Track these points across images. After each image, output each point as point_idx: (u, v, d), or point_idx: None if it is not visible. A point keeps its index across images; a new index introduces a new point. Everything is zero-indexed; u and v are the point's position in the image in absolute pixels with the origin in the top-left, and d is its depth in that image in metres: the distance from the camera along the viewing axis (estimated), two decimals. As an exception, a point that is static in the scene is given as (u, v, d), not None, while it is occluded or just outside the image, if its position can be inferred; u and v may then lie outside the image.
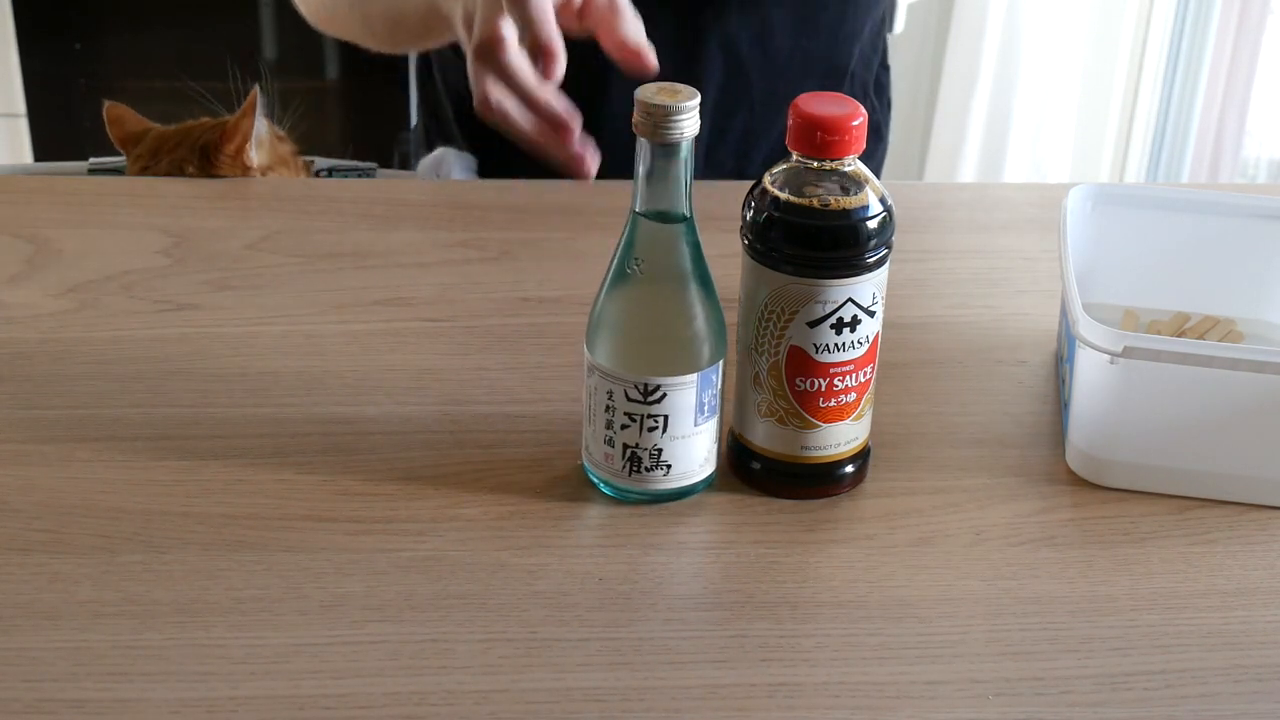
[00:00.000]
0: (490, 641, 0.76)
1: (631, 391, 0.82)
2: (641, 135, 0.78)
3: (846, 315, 0.81)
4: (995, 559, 0.83)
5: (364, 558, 0.81)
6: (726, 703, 0.73)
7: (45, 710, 0.71)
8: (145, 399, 0.94)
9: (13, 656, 0.74)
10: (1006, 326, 1.06)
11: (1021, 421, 0.95)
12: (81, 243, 1.12)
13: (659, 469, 0.84)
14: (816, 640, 0.77)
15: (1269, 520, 0.87)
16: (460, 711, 0.71)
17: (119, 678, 0.73)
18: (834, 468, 0.86)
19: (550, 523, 0.84)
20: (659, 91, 0.77)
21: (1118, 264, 1.03)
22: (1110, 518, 0.87)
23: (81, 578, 0.79)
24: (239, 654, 0.74)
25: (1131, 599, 0.80)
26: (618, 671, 0.74)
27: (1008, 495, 0.88)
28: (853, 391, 0.84)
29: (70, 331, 1.01)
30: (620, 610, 0.78)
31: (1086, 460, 0.89)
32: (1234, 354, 0.84)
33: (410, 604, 0.78)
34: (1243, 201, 1.03)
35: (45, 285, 1.06)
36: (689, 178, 0.79)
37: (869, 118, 1.40)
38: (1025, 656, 0.76)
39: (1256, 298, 1.04)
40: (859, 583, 0.81)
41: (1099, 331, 0.85)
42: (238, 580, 0.79)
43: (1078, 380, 0.88)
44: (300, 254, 1.11)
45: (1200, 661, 0.76)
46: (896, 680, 0.74)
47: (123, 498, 0.85)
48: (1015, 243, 1.18)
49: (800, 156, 0.81)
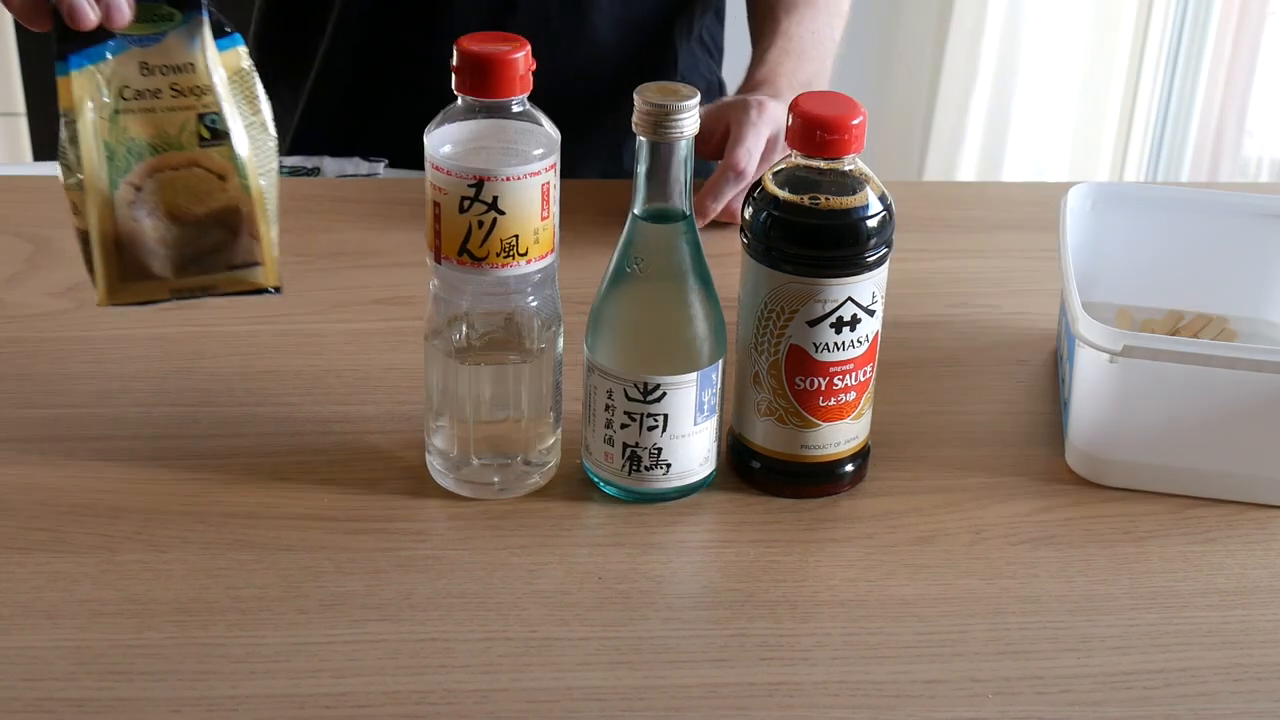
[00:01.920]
0: (490, 640, 0.76)
1: (631, 391, 0.82)
2: (641, 134, 0.78)
3: (846, 314, 0.81)
4: (995, 558, 0.83)
5: (364, 557, 0.81)
6: (726, 702, 0.73)
7: (45, 709, 0.71)
8: (145, 399, 0.94)
9: (13, 655, 0.74)
10: (1006, 326, 1.06)
11: (1021, 421, 0.95)
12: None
13: (659, 468, 0.84)
14: (816, 639, 0.77)
15: (1268, 519, 0.87)
16: (460, 710, 0.71)
17: (119, 677, 0.73)
18: (834, 467, 0.86)
19: (550, 522, 0.84)
20: (658, 90, 0.78)
21: (1117, 263, 1.03)
22: (1110, 517, 0.87)
23: (81, 577, 0.79)
24: (239, 653, 0.74)
25: (1131, 598, 0.80)
26: (618, 671, 0.74)
27: (1008, 494, 0.88)
28: (852, 390, 0.84)
29: (70, 331, 1.01)
30: (620, 609, 0.78)
31: (1086, 459, 0.89)
32: (1233, 353, 0.84)
33: (410, 603, 0.78)
34: (1242, 201, 1.03)
35: (45, 285, 1.06)
36: (688, 177, 0.79)
37: (701, 72, 1.41)
38: (1025, 655, 0.76)
39: (1252, 296, 1.04)
40: (859, 582, 0.81)
41: (1099, 330, 0.85)
42: (238, 580, 0.79)
43: (1077, 379, 0.88)
44: (300, 253, 1.11)
45: (1199, 660, 0.76)
46: (896, 679, 0.74)
47: (123, 498, 0.85)
48: (1015, 242, 1.18)
49: (800, 155, 0.81)
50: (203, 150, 0.84)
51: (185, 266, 0.84)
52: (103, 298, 0.83)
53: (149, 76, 0.83)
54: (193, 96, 0.83)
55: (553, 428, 0.86)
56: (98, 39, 0.82)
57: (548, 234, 0.81)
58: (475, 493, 0.85)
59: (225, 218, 0.84)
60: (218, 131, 0.83)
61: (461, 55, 0.77)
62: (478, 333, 0.83)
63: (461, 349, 0.83)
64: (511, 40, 0.78)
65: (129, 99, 0.82)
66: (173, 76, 0.83)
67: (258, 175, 0.84)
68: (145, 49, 0.82)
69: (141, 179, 0.83)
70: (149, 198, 0.83)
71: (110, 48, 0.82)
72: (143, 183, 0.83)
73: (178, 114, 0.83)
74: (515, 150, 0.79)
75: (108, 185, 0.82)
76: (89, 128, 0.82)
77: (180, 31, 0.83)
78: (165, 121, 0.83)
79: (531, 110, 0.80)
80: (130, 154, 0.83)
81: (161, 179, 0.84)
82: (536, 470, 0.86)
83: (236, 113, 0.84)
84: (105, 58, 0.82)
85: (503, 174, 0.78)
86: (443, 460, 0.86)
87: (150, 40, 0.82)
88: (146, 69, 0.82)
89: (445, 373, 0.83)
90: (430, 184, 0.79)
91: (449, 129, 0.79)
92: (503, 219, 0.78)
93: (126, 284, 0.83)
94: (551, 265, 0.82)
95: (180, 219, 0.84)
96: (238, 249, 0.85)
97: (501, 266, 0.80)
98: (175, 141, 0.83)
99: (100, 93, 0.82)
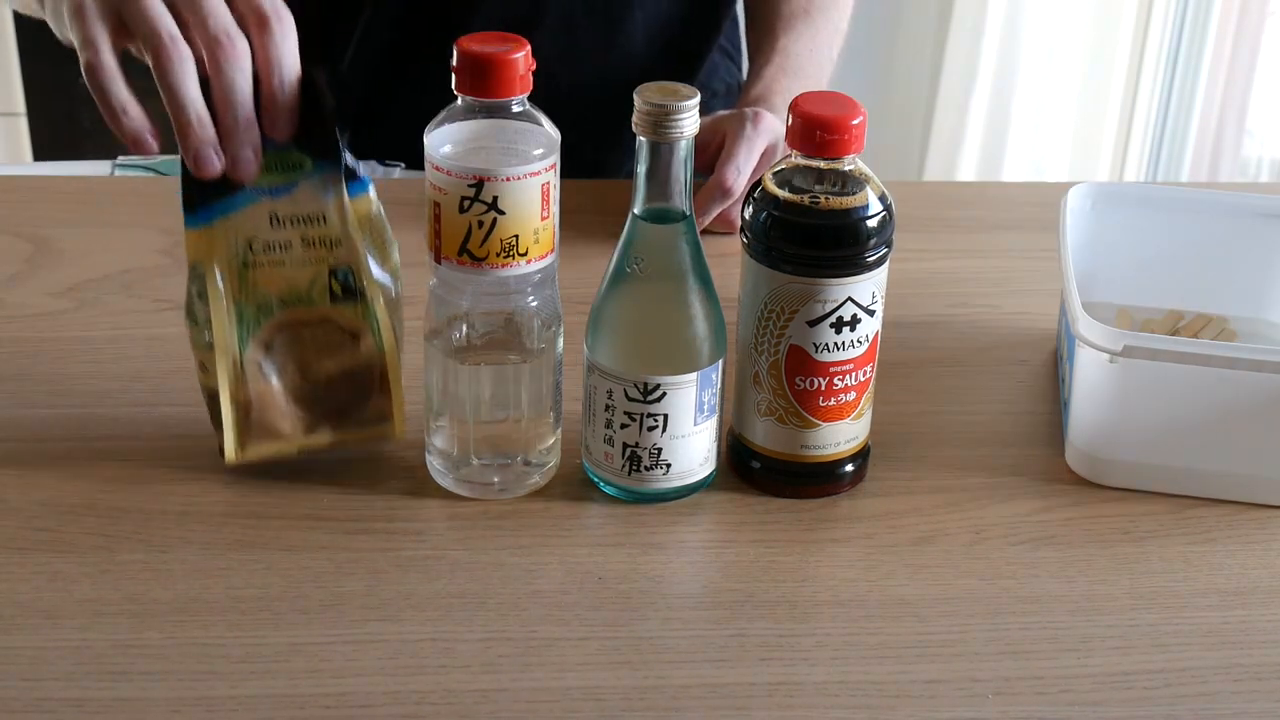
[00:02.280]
0: (490, 640, 0.76)
1: (631, 391, 0.82)
2: (641, 134, 0.78)
3: (846, 314, 0.81)
4: (995, 558, 0.83)
5: (364, 557, 0.81)
6: (726, 702, 0.73)
7: (45, 709, 0.71)
8: (145, 399, 0.94)
9: (13, 655, 0.74)
10: (1006, 326, 1.06)
11: (1021, 421, 0.95)
12: (81, 242, 1.12)
13: (659, 468, 0.84)
14: (816, 639, 0.77)
15: (1268, 519, 0.87)
16: (460, 710, 0.71)
17: (119, 676, 0.73)
18: (834, 467, 0.86)
19: (550, 522, 0.84)
20: (658, 91, 0.78)
21: (1117, 263, 1.03)
22: (1110, 517, 0.87)
23: (81, 577, 0.79)
24: (239, 653, 0.74)
25: (1131, 598, 0.80)
26: (617, 671, 0.74)
27: (1008, 495, 0.88)
28: (852, 390, 0.84)
29: (70, 331, 1.01)
30: (620, 609, 0.78)
31: (1086, 459, 0.89)
32: (1233, 353, 0.84)
33: (410, 603, 0.78)
34: (1242, 201, 1.03)
35: (45, 285, 1.06)
36: (688, 176, 0.79)
37: (721, 76, 1.41)
38: (1025, 656, 0.76)
39: (1252, 296, 1.04)
40: (858, 582, 0.81)
41: (1099, 330, 0.85)
42: (237, 580, 0.79)
43: (1077, 379, 0.88)
44: (300, 253, 1.11)
45: (1199, 660, 0.76)
46: (896, 679, 0.74)
47: (123, 497, 0.85)
48: (1015, 242, 1.18)
49: (800, 155, 0.81)
50: (334, 307, 0.81)
51: (315, 425, 0.83)
52: (231, 457, 0.82)
53: (279, 229, 0.80)
54: (324, 249, 0.80)
55: (553, 428, 0.86)
56: (228, 190, 0.79)
57: (548, 234, 0.81)
58: (475, 493, 0.85)
59: (357, 375, 0.83)
60: (350, 288, 0.81)
61: (461, 55, 0.77)
62: (478, 333, 0.83)
63: (461, 349, 0.83)
64: (511, 40, 0.78)
65: (258, 251, 0.80)
66: (303, 228, 0.80)
67: (391, 330, 0.82)
68: (276, 199, 0.79)
69: (271, 335, 0.81)
70: (278, 355, 0.81)
71: (240, 199, 0.79)
72: (272, 339, 0.81)
73: (308, 267, 0.81)
74: (515, 150, 0.79)
75: (238, 347, 0.80)
76: (218, 287, 0.79)
77: (313, 180, 0.80)
78: (295, 275, 0.81)
79: (531, 110, 0.80)
80: (260, 310, 0.81)
81: (291, 334, 0.81)
82: (536, 470, 0.86)
83: (369, 262, 0.81)
84: (235, 209, 0.79)
85: (503, 174, 0.78)
86: (443, 460, 0.86)
87: (281, 190, 0.79)
88: (276, 220, 0.80)
89: (445, 373, 0.83)
90: (430, 184, 0.79)
91: (449, 129, 0.79)
92: (503, 219, 0.78)
93: (256, 443, 0.83)
94: (551, 265, 0.82)
95: (310, 375, 0.82)
96: (369, 405, 0.84)
97: (501, 266, 0.80)
98: (305, 296, 0.81)
99: (229, 247, 0.80)
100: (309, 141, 0.79)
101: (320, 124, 0.79)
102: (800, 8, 1.29)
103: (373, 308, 0.82)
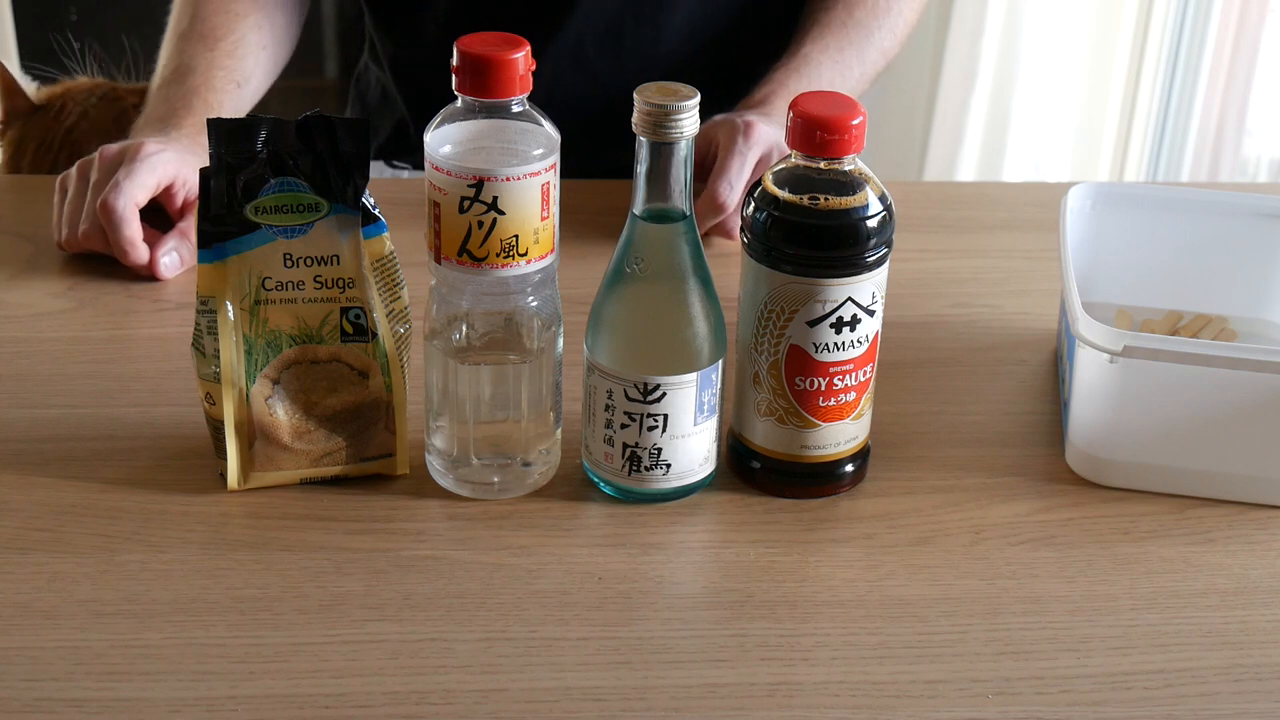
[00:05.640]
0: (490, 641, 0.76)
1: (631, 391, 0.82)
2: (641, 134, 0.78)
3: (846, 314, 0.81)
4: (995, 558, 0.83)
5: (364, 557, 0.81)
6: (726, 702, 0.73)
7: (45, 709, 0.71)
8: (145, 399, 0.94)
9: (12, 656, 0.74)
10: (1006, 326, 1.06)
11: (1021, 421, 0.95)
12: (81, 242, 1.12)
13: (659, 468, 0.84)
14: (816, 639, 0.77)
15: (1268, 519, 0.87)
16: (460, 711, 0.71)
17: (118, 677, 0.73)
18: (834, 467, 0.86)
19: (550, 522, 0.84)
20: (657, 91, 0.78)
21: (1117, 263, 1.03)
22: (1110, 517, 0.87)
23: (81, 577, 0.79)
24: (239, 653, 0.74)
25: (1131, 598, 0.80)
26: (617, 671, 0.74)
27: (1008, 495, 0.88)
28: (852, 391, 0.84)
29: (70, 331, 1.01)
30: (620, 610, 0.78)
31: (1086, 459, 0.89)
32: (1233, 353, 0.84)
33: (410, 603, 0.78)
34: (1242, 201, 1.03)
35: (45, 285, 1.06)
36: (688, 177, 0.79)
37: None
38: (1025, 656, 0.76)
39: (1252, 296, 1.04)
40: (858, 582, 0.81)
41: (1099, 330, 0.85)
42: (237, 580, 0.79)
43: (1077, 379, 0.88)
44: (300, 253, 1.11)
45: (1200, 661, 0.76)
46: (896, 679, 0.74)
47: (122, 497, 0.85)
48: (1015, 242, 1.18)
49: (800, 156, 0.81)
50: (345, 346, 0.83)
51: (319, 459, 0.84)
52: (234, 484, 0.84)
53: (292, 268, 0.81)
54: (336, 289, 0.82)
55: (553, 428, 0.86)
56: (243, 229, 0.80)
57: (548, 234, 0.81)
58: (475, 493, 0.85)
59: (363, 412, 0.84)
60: (361, 328, 0.82)
61: (461, 55, 0.77)
62: (478, 333, 0.83)
63: (461, 349, 0.83)
64: (511, 40, 0.78)
65: (270, 289, 0.81)
66: (317, 268, 0.81)
67: (400, 369, 0.84)
68: (290, 240, 0.80)
69: (278, 371, 0.82)
70: (285, 390, 0.83)
71: (255, 239, 0.80)
72: (279, 375, 0.82)
73: (320, 305, 0.82)
74: (515, 150, 0.79)
75: (244, 381, 0.82)
76: (228, 321, 0.81)
77: (329, 221, 0.81)
78: (307, 313, 0.82)
79: (531, 110, 0.80)
80: (269, 346, 0.82)
81: (299, 371, 0.83)
82: (536, 470, 0.86)
83: (379, 303, 0.82)
84: (249, 248, 0.80)
85: (502, 174, 0.78)
86: (442, 460, 0.86)
87: (296, 231, 0.80)
88: (290, 260, 0.81)
89: (445, 373, 0.83)
90: (430, 184, 0.79)
91: (449, 129, 0.79)
92: (503, 219, 0.78)
93: (259, 473, 0.84)
94: (551, 265, 0.82)
95: (317, 410, 0.84)
96: (373, 441, 0.85)
97: (501, 266, 0.79)
98: (316, 335, 0.82)
99: (242, 283, 0.81)
100: (327, 186, 0.80)
101: (340, 169, 0.80)
102: (838, 18, 1.26)
103: (383, 347, 0.83)
